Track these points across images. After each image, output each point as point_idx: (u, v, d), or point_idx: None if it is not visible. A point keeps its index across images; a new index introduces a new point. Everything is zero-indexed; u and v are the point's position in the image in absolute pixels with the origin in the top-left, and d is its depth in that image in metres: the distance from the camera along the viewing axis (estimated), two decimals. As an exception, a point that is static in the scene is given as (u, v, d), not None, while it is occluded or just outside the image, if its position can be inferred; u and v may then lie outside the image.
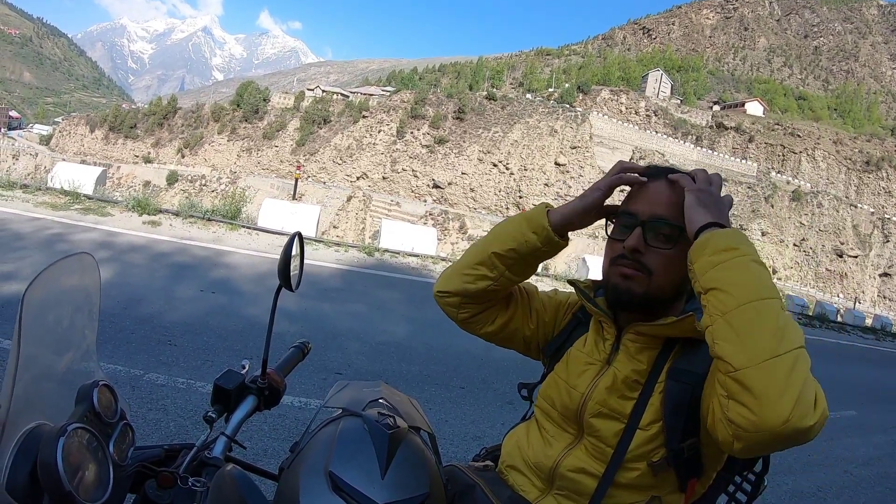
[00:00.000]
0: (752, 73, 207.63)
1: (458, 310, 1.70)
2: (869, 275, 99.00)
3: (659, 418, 1.37)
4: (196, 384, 4.69)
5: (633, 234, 1.40)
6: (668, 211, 1.39)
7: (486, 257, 1.61)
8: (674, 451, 1.35)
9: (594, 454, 1.42)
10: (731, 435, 1.12)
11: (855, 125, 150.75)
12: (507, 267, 1.59)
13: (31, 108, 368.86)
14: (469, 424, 5.13)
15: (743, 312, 1.13)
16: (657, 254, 1.39)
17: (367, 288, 9.94)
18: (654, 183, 1.45)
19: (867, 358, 14.86)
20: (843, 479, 6.03)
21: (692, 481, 1.40)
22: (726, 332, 1.13)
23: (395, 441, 1.26)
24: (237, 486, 0.99)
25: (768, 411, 1.05)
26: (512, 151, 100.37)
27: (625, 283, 1.42)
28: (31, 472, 0.97)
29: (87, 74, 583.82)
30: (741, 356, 1.09)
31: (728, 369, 1.10)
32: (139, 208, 11.66)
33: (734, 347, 1.11)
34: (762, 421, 1.05)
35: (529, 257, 1.59)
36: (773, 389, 1.05)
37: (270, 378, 1.51)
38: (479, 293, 1.64)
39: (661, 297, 1.42)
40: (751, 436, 1.08)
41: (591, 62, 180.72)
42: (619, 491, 1.38)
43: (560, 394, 1.52)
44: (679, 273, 1.38)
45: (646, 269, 1.40)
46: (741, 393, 1.08)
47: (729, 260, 1.21)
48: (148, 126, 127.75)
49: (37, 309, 1.07)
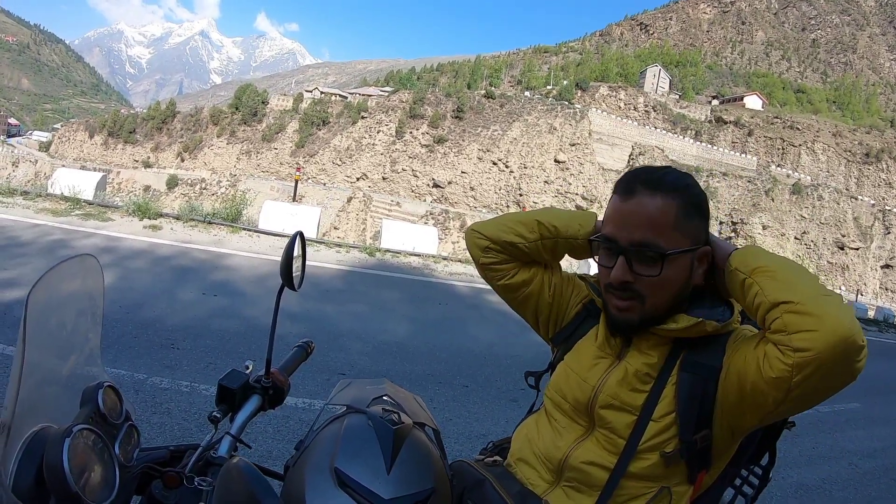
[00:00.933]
0: (750, 66, 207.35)
1: (485, 253, 1.71)
2: (870, 267, 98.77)
3: (672, 410, 1.37)
4: (199, 387, 4.69)
5: (618, 266, 1.38)
6: (649, 233, 1.35)
7: (530, 220, 1.66)
8: (686, 443, 1.35)
9: (606, 446, 1.42)
10: (791, 366, 1.15)
11: (854, 117, 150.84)
12: (542, 238, 1.63)
13: (30, 114, 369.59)
14: (474, 422, 5.14)
15: (792, 270, 1.26)
16: (645, 281, 1.37)
17: (369, 288, 9.95)
18: (630, 201, 1.39)
19: (870, 350, 14.59)
20: (848, 471, 6.02)
21: (701, 473, 1.40)
22: (780, 284, 1.22)
23: (400, 437, 1.26)
24: (244, 477, 0.98)
25: (832, 327, 1.12)
26: (511, 149, 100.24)
27: (621, 315, 1.42)
28: (37, 474, 0.97)
29: (85, 80, 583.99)
30: (798, 293, 1.18)
31: (788, 307, 1.17)
32: (140, 213, 11.68)
33: (790, 288, 1.20)
34: (826, 335, 1.11)
35: (564, 242, 1.62)
36: (832, 310, 1.14)
37: (274, 377, 1.51)
38: (509, 246, 1.66)
39: (659, 314, 1.41)
40: (814, 357, 1.12)
41: (588, 59, 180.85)
42: (629, 482, 1.38)
43: (571, 386, 1.52)
44: (673, 288, 1.39)
45: (638, 296, 1.39)
46: (803, 319, 1.14)
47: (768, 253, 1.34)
48: (147, 131, 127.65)
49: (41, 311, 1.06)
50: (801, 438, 6.56)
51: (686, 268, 1.40)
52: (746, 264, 1.31)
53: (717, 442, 1.38)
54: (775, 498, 5.00)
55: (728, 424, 1.35)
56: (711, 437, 1.37)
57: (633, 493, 1.39)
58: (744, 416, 1.31)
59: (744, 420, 1.32)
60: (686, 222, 1.37)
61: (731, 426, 1.35)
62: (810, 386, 1.17)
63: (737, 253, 1.37)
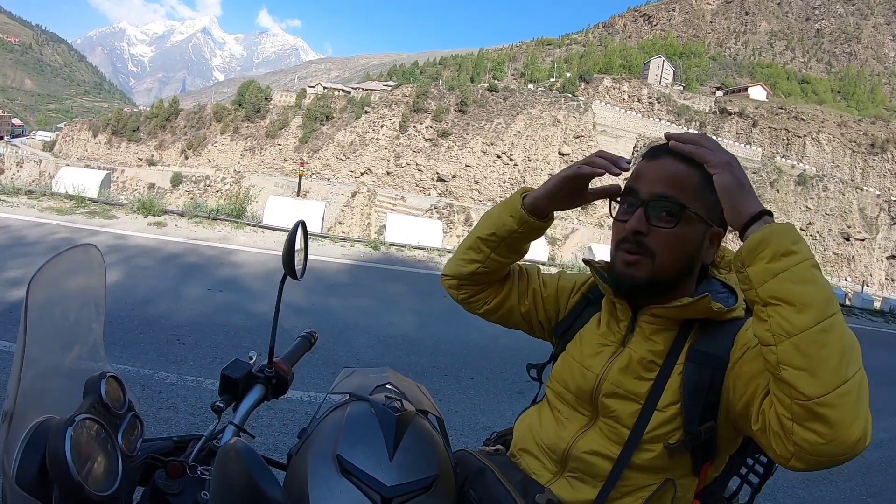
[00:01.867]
0: (754, 57, 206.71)
1: (458, 291, 1.77)
2: (876, 258, 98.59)
3: (677, 400, 1.36)
4: (205, 382, 4.71)
5: (635, 216, 1.37)
6: (669, 188, 1.36)
7: (473, 242, 1.68)
8: (691, 434, 1.34)
9: (609, 436, 1.41)
10: (791, 454, 1.10)
11: (859, 107, 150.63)
12: (492, 250, 1.65)
13: (34, 115, 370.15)
14: (479, 414, 5.15)
15: (813, 336, 1.07)
16: (660, 234, 1.36)
17: (374, 282, 9.95)
18: (654, 161, 1.41)
19: (876, 341, 14.74)
20: (853, 462, 5.95)
21: (706, 465, 1.40)
22: (795, 358, 1.07)
23: (403, 424, 1.26)
24: (242, 459, 0.96)
25: (842, 439, 1.04)
26: (515, 142, 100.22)
27: (628, 270, 1.40)
28: (40, 465, 0.97)
29: (87, 79, 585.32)
30: (813, 386, 1.05)
31: (798, 397, 1.06)
32: (144, 210, 11.68)
33: (806, 376, 1.06)
34: (833, 448, 1.05)
35: (510, 240, 1.62)
36: (846, 418, 1.04)
37: (277, 367, 1.51)
38: (472, 275, 1.71)
39: (665, 278, 1.39)
40: (815, 460, 1.08)
41: (592, 51, 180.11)
42: (633, 472, 1.37)
43: (574, 375, 1.52)
44: (684, 252, 1.39)
45: (648, 251, 1.37)
46: (812, 421, 1.05)
47: (791, 268, 1.12)
48: (150, 129, 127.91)
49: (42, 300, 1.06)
50: (807, 428, 6.54)
51: (699, 237, 1.39)
52: (761, 278, 1.14)
53: (724, 432, 1.36)
54: (781, 489, 5.00)
55: (732, 422, 1.34)
56: (716, 429, 1.35)
57: (638, 484, 1.38)
58: (747, 419, 1.26)
59: (747, 423, 1.26)
60: (706, 194, 1.35)
61: (734, 425, 1.34)
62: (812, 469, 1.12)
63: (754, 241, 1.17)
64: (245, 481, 0.94)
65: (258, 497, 0.93)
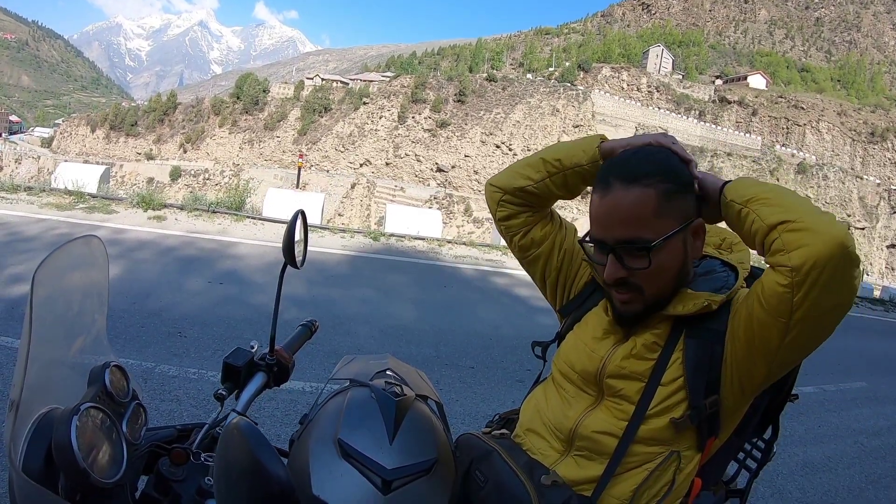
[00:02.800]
0: (753, 46, 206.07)
1: (498, 206, 1.72)
2: (876, 246, 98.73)
3: (680, 374, 1.38)
4: (207, 374, 4.72)
5: (609, 264, 1.38)
6: (630, 227, 1.34)
7: (535, 161, 1.66)
8: (696, 409, 1.36)
9: (616, 414, 1.43)
10: (790, 286, 1.17)
11: (859, 96, 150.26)
12: (550, 175, 1.62)
13: (31, 111, 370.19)
14: (480, 403, 5.18)
15: (786, 194, 1.28)
16: (640, 274, 1.36)
17: (375, 272, 9.97)
18: (606, 196, 1.38)
19: (876, 329, 14.82)
20: (853, 449, 6.05)
21: (710, 440, 1.41)
22: (775, 208, 1.23)
23: (403, 408, 1.28)
24: (245, 437, 0.96)
25: (827, 235, 1.14)
26: (514, 132, 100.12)
27: (624, 307, 1.42)
28: (46, 454, 0.99)
29: (85, 75, 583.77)
30: (794, 212, 1.20)
31: (785, 227, 1.19)
32: (144, 204, 11.68)
33: (786, 209, 1.22)
34: (822, 245, 1.13)
35: (571, 172, 1.60)
36: (824, 224, 1.16)
37: (279, 355, 1.52)
38: (519, 191, 1.67)
39: (663, 298, 1.42)
40: (810, 269, 1.14)
41: (590, 40, 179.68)
42: (639, 446, 1.39)
43: (580, 356, 1.52)
44: (671, 274, 1.39)
45: (636, 288, 1.39)
46: (800, 235, 1.16)
47: (761, 182, 1.35)
48: (149, 123, 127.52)
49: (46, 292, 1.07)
50: (806, 417, 6.61)
51: (679, 249, 1.39)
52: (741, 195, 1.32)
53: (727, 405, 1.38)
54: (781, 475, 5.03)
55: (738, 381, 1.35)
56: (720, 403, 1.37)
57: (643, 459, 1.39)
58: (753, 364, 1.31)
59: (754, 370, 1.32)
60: (669, 205, 1.34)
61: (741, 382, 1.35)
62: (811, 305, 1.17)
63: (730, 186, 1.37)
64: (249, 460, 0.94)
65: (262, 475, 0.93)
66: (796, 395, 1.77)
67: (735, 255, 1.55)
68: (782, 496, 4.73)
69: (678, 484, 1.41)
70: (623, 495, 1.39)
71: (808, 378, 7.86)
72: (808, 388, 7.58)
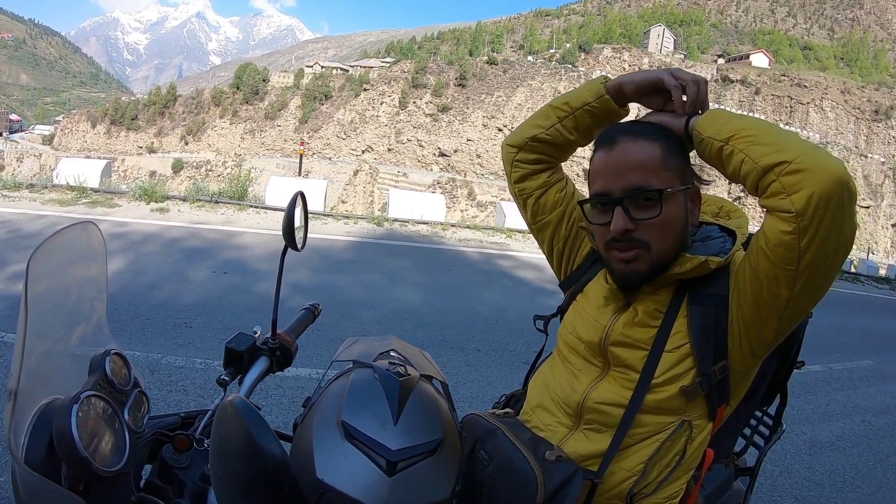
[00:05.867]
0: (755, 24, 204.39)
1: (513, 166, 1.73)
2: (881, 225, 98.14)
3: (685, 342, 1.37)
4: (214, 363, 4.73)
5: (616, 216, 1.35)
6: (639, 176, 1.34)
7: (544, 109, 1.67)
8: (706, 376, 1.35)
9: (623, 384, 1.42)
10: (795, 231, 1.15)
11: (862, 74, 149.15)
12: (560, 119, 1.62)
13: (31, 109, 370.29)
14: (486, 385, 5.19)
15: (772, 132, 1.23)
16: (648, 225, 1.35)
17: (379, 258, 9.96)
18: (613, 150, 1.40)
19: (882, 307, 14.82)
20: (860, 428, 6.05)
21: (721, 408, 1.40)
22: (767, 147, 1.20)
23: (407, 388, 1.26)
24: (240, 415, 0.95)
25: (826, 171, 1.11)
26: (516, 115, 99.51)
27: (628, 267, 1.40)
28: (48, 444, 0.98)
29: (83, 71, 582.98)
30: (789, 152, 1.16)
31: (782, 168, 1.15)
32: (146, 196, 11.68)
33: (779, 149, 1.18)
34: (823, 183, 1.11)
35: (580, 112, 1.59)
36: (821, 161, 1.13)
37: (281, 338, 1.52)
38: (532, 140, 1.67)
39: (667, 260, 1.39)
40: (815, 209, 1.12)
41: (591, 21, 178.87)
42: (648, 416, 1.38)
43: (586, 327, 1.52)
44: (676, 230, 1.38)
45: (642, 243, 1.36)
46: (800, 177, 1.13)
47: (735, 116, 1.31)
48: (149, 116, 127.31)
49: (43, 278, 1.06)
50: (813, 395, 6.62)
51: (682, 207, 1.39)
52: (719, 131, 1.29)
53: (736, 369, 1.38)
54: (788, 454, 5.05)
55: (748, 342, 1.34)
56: (729, 368, 1.37)
57: (653, 430, 1.39)
58: (763, 321, 1.30)
59: (764, 328, 1.31)
60: (672, 161, 1.36)
61: (750, 343, 1.34)
62: (818, 248, 1.15)
63: (702, 120, 1.35)
64: (242, 437, 0.93)
65: (255, 452, 0.92)
66: (802, 362, 1.78)
67: (733, 220, 1.54)
68: (790, 474, 4.74)
69: (689, 454, 1.41)
70: (634, 467, 1.39)
71: (815, 357, 7.85)
72: (814, 366, 7.58)
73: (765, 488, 4.43)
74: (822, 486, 4.67)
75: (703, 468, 1.48)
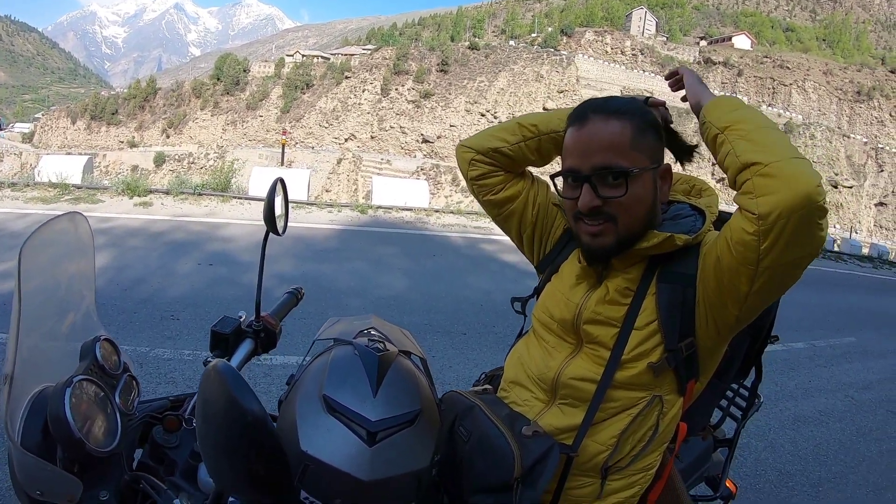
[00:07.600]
0: (737, 6, 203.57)
1: (469, 165, 1.73)
2: (864, 205, 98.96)
3: (654, 318, 1.39)
4: (202, 355, 4.73)
5: (584, 193, 1.37)
6: (607, 155, 1.36)
7: (511, 125, 1.69)
8: (672, 352, 1.37)
9: (595, 360, 1.44)
10: (757, 233, 1.16)
11: (844, 55, 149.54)
12: (525, 139, 1.64)
13: (10, 107, 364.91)
14: (473, 368, 5.23)
15: (764, 131, 1.25)
16: (614, 202, 1.36)
17: (364, 245, 10.00)
18: (584, 128, 1.40)
19: (865, 286, 15.02)
20: (844, 403, 6.17)
21: (690, 383, 1.42)
22: (752, 145, 1.23)
23: (385, 363, 1.30)
24: (223, 379, 0.96)
25: (796, 184, 1.13)
26: (499, 100, 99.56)
27: (595, 241, 1.41)
28: (43, 428, 1.02)
29: (62, 66, 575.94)
30: (769, 154, 1.18)
31: (757, 169, 1.18)
32: (129, 191, 11.66)
33: (761, 150, 1.20)
34: (789, 195, 1.12)
35: (546, 139, 1.63)
36: (799, 171, 1.14)
37: (265, 321, 1.57)
38: (493, 152, 1.68)
39: (634, 235, 1.40)
40: (777, 217, 1.13)
41: (573, 4, 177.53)
42: (619, 392, 1.40)
43: (559, 306, 1.54)
44: (643, 207, 1.39)
45: (610, 218, 1.38)
46: (771, 182, 1.15)
47: (742, 108, 1.33)
48: (129, 110, 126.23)
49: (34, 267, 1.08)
50: (797, 372, 6.73)
51: (650, 186, 1.40)
52: (720, 118, 1.33)
53: (703, 346, 1.40)
54: (773, 429, 5.15)
55: (713, 322, 1.36)
56: (696, 345, 1.39)
57: (625, 405, 1.41)
58: (725, 306, 1.31)
59: (726, 311, 1.32)
60: (642, 141, 1.38)
61: (715, 323, 1.36)
62: (777, 255, 1.17)
63: (711, 104, 1.40)
64: (224, 395, 0.95)
65: (238, 410, 0.94)
66: (776, 336, 1.83)
67: (704, 199, 1.57)
68: (774, 449, 4.84)
69: (662, 428, 1.43)
70: (607, 441, 1.41)
71: (799, 334, 8.00)
72: (798, 343, 7.72)
73: (749, 462, 4.52)
74: (805, 459, 4.77)
75: (678, 441, 1.50)
